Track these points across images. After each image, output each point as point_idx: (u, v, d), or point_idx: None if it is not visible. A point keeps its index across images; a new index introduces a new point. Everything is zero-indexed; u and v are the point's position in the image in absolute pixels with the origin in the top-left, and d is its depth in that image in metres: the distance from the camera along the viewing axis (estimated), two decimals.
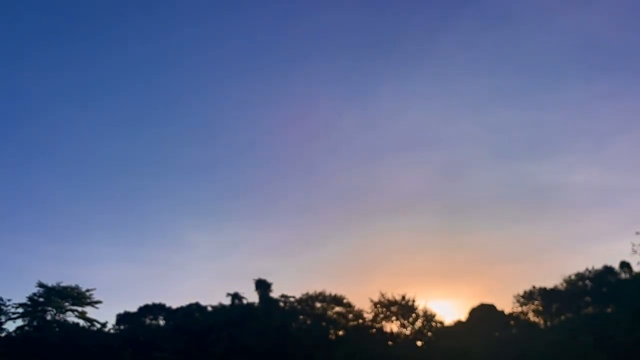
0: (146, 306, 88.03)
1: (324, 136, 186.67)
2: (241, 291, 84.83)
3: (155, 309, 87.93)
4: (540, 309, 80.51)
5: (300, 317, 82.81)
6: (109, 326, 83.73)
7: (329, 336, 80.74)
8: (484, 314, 79.69)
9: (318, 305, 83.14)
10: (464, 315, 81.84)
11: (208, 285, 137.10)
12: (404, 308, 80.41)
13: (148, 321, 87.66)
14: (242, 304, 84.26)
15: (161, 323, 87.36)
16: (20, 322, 78.86)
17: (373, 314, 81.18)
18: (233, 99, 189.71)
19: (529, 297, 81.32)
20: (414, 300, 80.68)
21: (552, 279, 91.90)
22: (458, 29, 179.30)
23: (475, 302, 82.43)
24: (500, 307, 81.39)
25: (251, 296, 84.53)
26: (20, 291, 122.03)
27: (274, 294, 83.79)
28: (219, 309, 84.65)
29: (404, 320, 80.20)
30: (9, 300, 78.73)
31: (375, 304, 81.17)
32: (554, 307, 79.61)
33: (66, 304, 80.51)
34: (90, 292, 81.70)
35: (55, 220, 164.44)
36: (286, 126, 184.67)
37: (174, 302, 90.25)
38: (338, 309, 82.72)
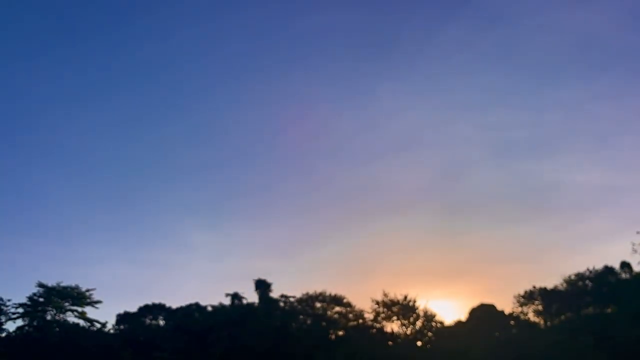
0: (146, 306, 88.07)
1: (323, 136, 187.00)
2: (241, 291, 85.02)
3: (155, 309, 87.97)
4: (540, 309, 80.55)
5: (300, 317, 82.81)
6: (109, 326, 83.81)
7: (329, 336, 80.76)
8: (484, 314, 79.72)
9: (318, 305, 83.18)
10: (464, 315, 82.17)
11: (208, 285, 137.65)
12: (405, 308, 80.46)
13: (148, 321, 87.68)
14: (242, 304, 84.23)
15: (161, 323, 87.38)
16: (20, 322, 78.92)
17: (373, 313, 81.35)
18: (233, 99, 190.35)
19: (529, 297, 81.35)
20: (415, 301, 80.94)
21: (552, 279, 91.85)
22: (458, 29, 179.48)
23: (475, 302, 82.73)
24: (500, 307, 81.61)
25: (251, 296, 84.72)
26: (20, 291, 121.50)
27: (274, 294, 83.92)
28: (219, 309, 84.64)
29: (405, 320, 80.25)
30: (9, 300, 78.77)
31: (377, 302, 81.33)
32: (554, 307, 79.63)
33: (66, 304, 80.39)
34: (90, 292, 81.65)
35: (55, 220, 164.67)
36: (286, 126, 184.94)
37: (174, 302, 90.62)
38: (338, 309, 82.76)
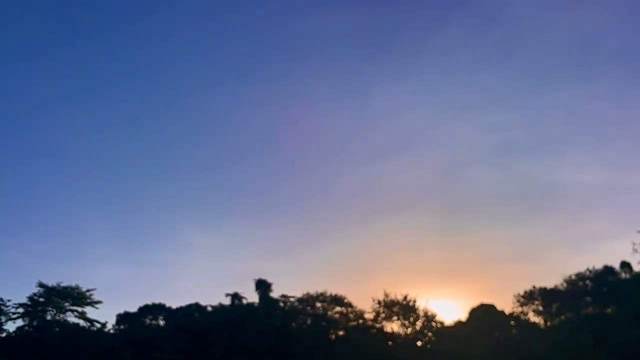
0: (146, 306, 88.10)
1: (323, 136, 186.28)
2: (241, 291, 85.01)
3: (155, 309, 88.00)
4: (541, 309, 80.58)
5: (301, 317, 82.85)
6: (109, 326, 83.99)
7: (329, 336, 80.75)
8: (484, 314, 79.72)
9: (318, 305, 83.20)
10: (464, 315, 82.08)
11: (208, 285, 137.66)
12: (405, 308, 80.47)
13: (148, 321, 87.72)
14: (242, 304, 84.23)
15: (161, 323, 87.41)
16: (20, 322, 79.07)
17: (374, 313, 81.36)
18: (233, 99, 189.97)
19: (529, 297, 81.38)
20: (415, 301, 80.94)
21: (552, 279, 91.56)
22: (458, 29, 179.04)
23: (475, 302, 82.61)
24: (500, 307, 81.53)
25: (251, 296, 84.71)
26: (20, 291, 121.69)
27: (274, 294, 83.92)
28: (219, 309, 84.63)
29: (405, 320, 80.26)
30: (9, 300, 79.01)
31: (378, 302, 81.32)
32: (554, 307, 79.67)
33: (66, 304, 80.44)
34: (90, 292, 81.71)
35: (55, 221, 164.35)
36: (286, 126, 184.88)
37: (174, 302, 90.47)
38: (338, 309, 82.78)
